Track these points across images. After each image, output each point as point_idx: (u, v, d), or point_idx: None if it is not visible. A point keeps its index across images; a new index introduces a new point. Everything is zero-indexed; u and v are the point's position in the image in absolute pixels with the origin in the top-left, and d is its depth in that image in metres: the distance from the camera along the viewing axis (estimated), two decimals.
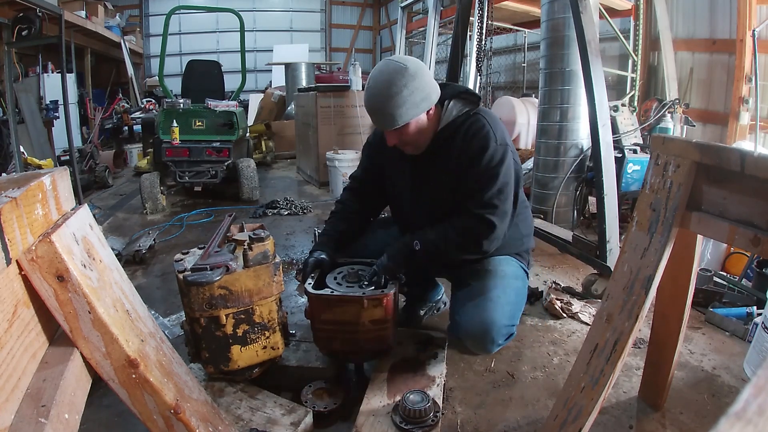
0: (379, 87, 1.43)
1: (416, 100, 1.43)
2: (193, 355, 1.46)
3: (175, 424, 0.86)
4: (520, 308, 1.63)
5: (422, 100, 1.45)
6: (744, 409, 0.31)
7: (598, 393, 1.09)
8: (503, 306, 1.51)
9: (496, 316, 1.48)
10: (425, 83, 1.45)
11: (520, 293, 1.64)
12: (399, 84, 1.40)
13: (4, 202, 0.65)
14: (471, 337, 1.53)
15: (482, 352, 1.63)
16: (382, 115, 1.44)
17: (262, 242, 1.40)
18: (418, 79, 1.43)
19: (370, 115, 1.49)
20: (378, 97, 1.43)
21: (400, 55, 1.49)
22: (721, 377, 1.65)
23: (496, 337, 1.49)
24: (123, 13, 9.94)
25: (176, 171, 3.96)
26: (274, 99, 7.83)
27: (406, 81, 1.41)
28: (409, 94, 1.42)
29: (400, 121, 1.44)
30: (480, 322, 1.48)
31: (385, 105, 1.42)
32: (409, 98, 1.42)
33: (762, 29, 3.15)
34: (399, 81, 1.40)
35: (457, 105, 1.55)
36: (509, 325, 1.53)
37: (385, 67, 1.44)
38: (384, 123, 1.47)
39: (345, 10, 12.31)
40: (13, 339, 0.67)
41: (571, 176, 2.97)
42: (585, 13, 2.11)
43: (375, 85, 1.44)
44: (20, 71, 5.49)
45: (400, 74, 1.41)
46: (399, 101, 1.41)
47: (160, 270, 2.74)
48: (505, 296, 1.54)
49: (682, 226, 1.08)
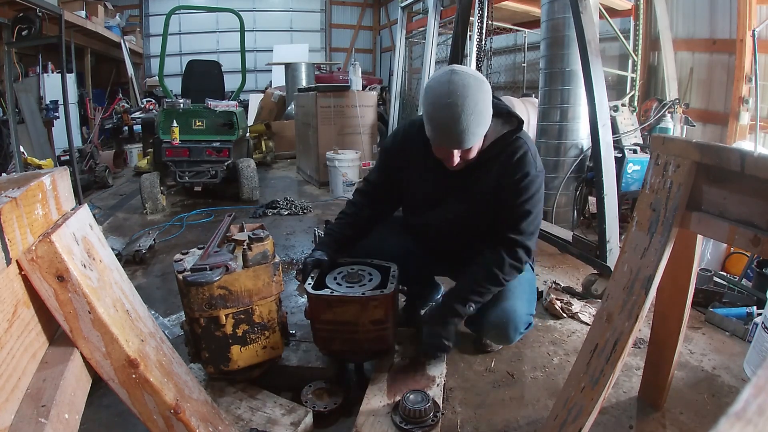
0: (462, 102, 1.30)
1: (488, 115, 1.39)
2: (193, 355, 1.46)
3: (175, 424, 0.86)
4: (534, 298, 1.71)
5: (489, 113, 1.40)
6: (744, 409, 0.31)
7: (598, 393, 1.09)
8: (521, 295, 1.59)
9: (517, 304, 1.55)
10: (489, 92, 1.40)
11: (532, 284, 1.72)
12: (485, 100, 1.34)
13: (4, 202, 0.65)
14: (495, 328, 1.59)
15: (504, 342, 1.71)
16: (462, 134, 1.33)
17: (262, 242, 1.40)
18: (490, 94, 1.38)
19: (442, 131, 1.36)
20: (461, 114, 1.30)
21: (465, 68, 1.37)
22: (721, 377, 1.65)
23: (519, 325, 1.56)
24: (123, 13, 9.93)
25: (176, 171, 3.95)
26: (274, 99, 7.83)
27: (487, 97, 1.35)
28: (487, 111, 1.37)
29: (477, 139, 1.37)
30: (503, 312, 1.54)
31: (469, 123, 1.31)
32: (487, 115, 1.37)
33: (762, 29, 3.15)
34: (484, 97, 1.33)
35: (498, 123, 1.49)
36: (529, 314, 1.61)
37: (465, 80, 1.32)
38: (461, 142, 1.35)
39: (345, 10, 12.31)
40: (13, 339, 0.67)
41: (571, 176, 2.97)
42: (585, 13, 2.11)
43: (457, 100, 1.30)
44: (20, 71, 5.48)
45: (482, 90, 1.33)
46: (481, 119, 1.34)
47: (160, 270, 2.74)
48: (520, 286, 1.60)
49: (682, 226, 1.08)
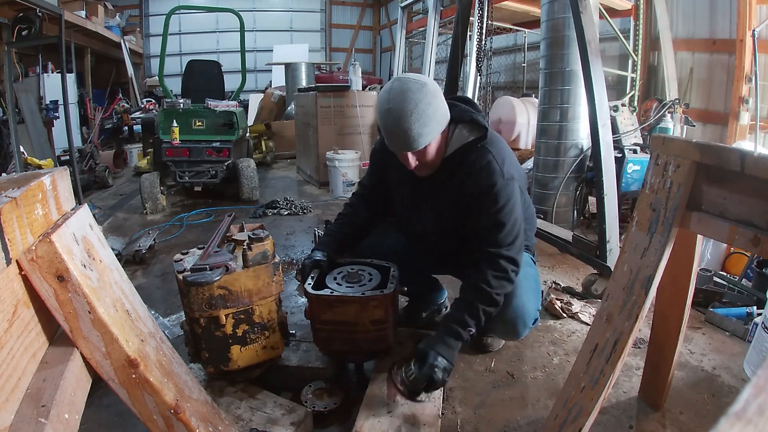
0: (401, 106, 1.33)
1: (438, 118, 1.39)
2: (193, 355, 1.46)
3: (175, 424, 0.86)
4: (539, 293, 1.70)
5: (442, 117, 1.40)
6: (744, 409, 0.31)
7: (598, 393, 1.09)
8: (528, 290, 1.58)
9: (525, 299, 1.55)
10: (442, 101, 1.41)
11: (537, 279, 1.71)
12: (424, 102, 1.34)
13: (4, 202, 0.65)
14: (504, 323, 1.57)
15: (513, 337, 1.70)
16: (405, 137, 1.36)
17: (262, 242, 1.40)
18: (438, 97, 1.39)
19: (390, 137, 1.40)
20: (402, 118, 1.33)
21: (409, 74, 1.42)
22: (721, 377, 1.65)
23: (527, 320, 1.56)
24: (123, 13, 9.94)
25: (176, 171, 3.96)
26: (274, 99, 7.83)
27: (429, 99, 1.35)
28: (433, 112, 1.36)
29: (424, 141, 1.38)
30: (512, 308, 1.53)
31: (411, 125, 1.34)
32: (432, 116, 1.36)
33: (762, 29, 3.15)
34: (423, 99, 1.34)
35: (464, 131, 1.48)
36: (536, 309, 1.61)
37: (404, 86, 1.36)
38: (407, 144, 1.38)
39: (345, 10, 12.31)
40: (13, 339, 0.67)
41: (571, 176, 2.97)
42: (585, 13, 2.11)
43: (396, 105, 1.34)
44: (20, 71, 5.49)
45: (422, 92, 1.35)
46: (425, 120, 1.35)
47: (160, 270, 2.74)
48: (527, 282, 1.59)
49: (682, 226, 1.08)
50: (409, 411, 1.40)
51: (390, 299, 1.49)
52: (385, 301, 1.48)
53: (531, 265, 1.69)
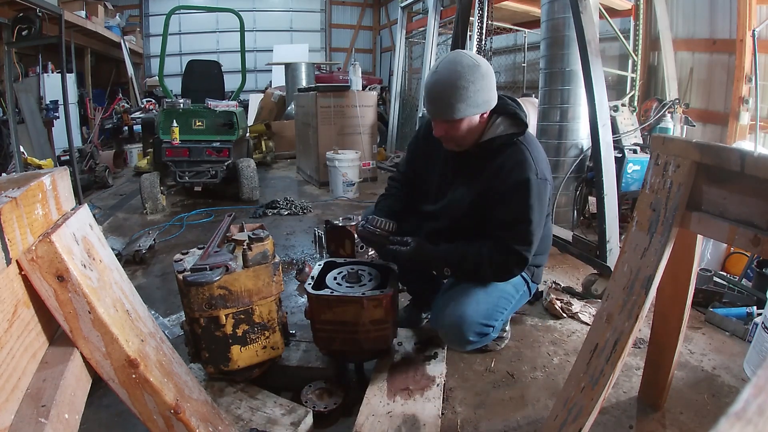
0: (447, 75, 1.39)
1: (478, 100, 1.41)
2: (193, 355, 1.46)
3: (175, 424, 0.86)
4: (501, 311, 1.60)
5: (483, 102, 1.42)
6: (744, 409, 0.31)
7: (598, 393, 1.09)
8: (479, 303, 1.52)
9: (468, 311, 1.50)
10: (490, 87, 1.43)
11: (506, 297, 1.62)
12: (468, 78, 1.37)
13: (4, 202, 0.65)
14: (442, 329, 1.58)
15: (455, 346, 1.67)
16: (442, 103, 1.40)
17: (262, 242, 1.40)
18: (486, 81, 1.41)
19: (429, 100, 1.45)
20: (443, 85, 1.39)
21: (470, 52, 1.45)
22: (721, 377, 1.65)
23: (466, 333, 1.50)
24: (123, 13, 9.93)
25: (176, 171, 3.95)
26: (274, 99, 7.83)
27: (475, 78, 1.38)
28: (475, 92, 1.39)
29: (457, 115, 1.40)
30: (451, 315, 1.51)
31: (450, 95, 1.38)
32: (473, 96, 1.39)
33: (762, 29, 3.15)
34: (469, 75, 1.38)
35: (504, 123, 1.49)
36: (483, 324, 1.53)
37: (459, 58, 1.40)
38: (441, 112, 1.42)
39: (345, 10, 12.30)
40: (13, 339, 0.67)
41: (571, 176, 2.97)
42: (585, 13, 2.11)
43: (444, 72, 1.40)
44: (20, 71, 5.48)
45: (471, 70, 1.38)
46: (464, 95, 1.38)
47: (160, 270, 2.74)
48: (485, 294, 1.55)
49: (682, 226, 1.08)
50: (409, 411, 1.40)
51: (390, 299, 1.49)
52: (385, 301, 1.48)
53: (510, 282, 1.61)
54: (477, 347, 1.65)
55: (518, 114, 1.50)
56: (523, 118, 1.50)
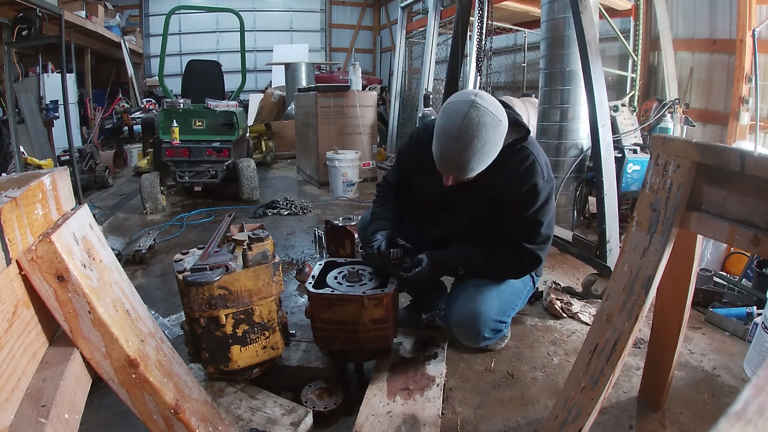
0: (471, 140, 1.32)
1: (495, 152, 1.40)
2: (193, 355, 1.46)
3: (175, 424, 0.86)
4: (513, 307, 1.67)
5: (497, 151, 1.41)
6: (744, 409, 0.31)
7: (598, 393, 1.10)
8: (493, 300, 1.57)
9: (485, 308, 1.54)
10: (504, 133, 1.40)
11: (516, 293, 1.67)
12: (491, 142, 1.34)
13: (4, 202, 0.65)
14: (458, 326, 1.60)
15: (469, 342, 1.69)
16: (460, 166, 1.37)
17: (262, 242, 1.40)
18: (503, 131, 1.38)
19: (443, 157, 1.39)
20: (465, 150, 1.33)
21: (487, 98, 1.36)
22: (721, 377, 1.65)
23: (482, 329, 1.55)
24: (123, 13, 9.92)
25: (176, 171, 3.96)
26: (274, 99, 7.83)
27: (497, 138, 1.36)
28: (494, 150, 1.38)
29: (474, 174, 1.40)
30: (468, 313, 1.54)
31: (469, 159, 1.34)
32: (492, 153, 1.38)
33: (762, 29, 3.15)
34: (491, 138, 1.34)
35: (507, 132, 1.47)
36: (497, 321, 1.59)
37: (482, 119, 1.31)
38: (458, 172, 1.39)
39: (345, 10, 12.30)
40: (13, 339, 0.67)
41: (571, 176, 2.97)
42: (585, 13, 2.11)
43: (466, 136, 1.32)
44: (20, 71, 5.48)
45: (494, 131, 1.34)
46: (485, 158, 1.37)
47: (160, 270, 2.74)
48: (498, 292, 1.59)
49: (682, 226, 1.08)
50: (409, 411, 1.40)
51: (390, 299, 1.49)
52: (386, 300, 1.48)
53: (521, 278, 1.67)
54: (490, 343, 1.73)
55: (519, 120, 1.50)
56: (524, 124, 1.51)
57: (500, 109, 1.38)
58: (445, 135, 1.36)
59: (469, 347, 1.79)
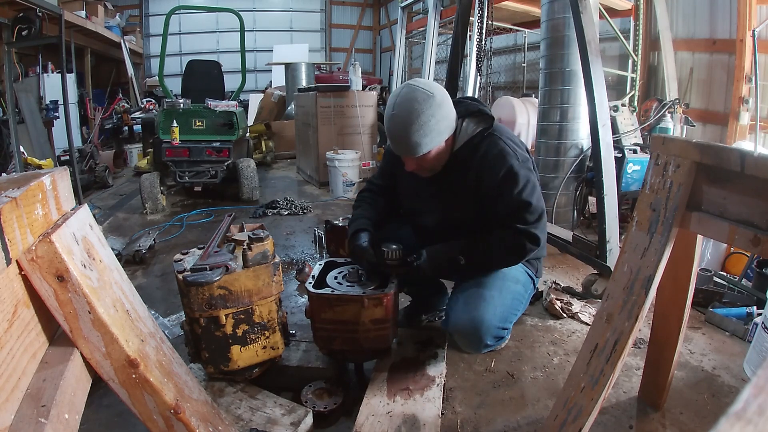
0: (405, 114, 1.40)
1: (440, 128, 1.44)
2: (193, 355, 1.46)
3: (175, 424, 0.86)
4: (515, 312, 1.66)
5: (446, 128, 1.46)
6: (744, 409, 0.31)
7: (598, 393, 1.10)
8: (495, 307, 1.54)
9: (487, 315, 1.51)
10: (449, 111, 1.46)
11: (518, 297, 1.65)
12: (427, 113, 1.39)
13: (4, 202, 0.65)
14: (459, 333, 1.58)
15: (471, 350, 1.68)
16: (406, 143, 1.43)
17: (262, 242, 1.40)
18: (444, 108, 1.43)
19: (392, 141, 1.48)
20: (403, 125, 1.41)
21: (422, 80, 1.47)
22: (721, 377, 1.65)
23: (484, 337, 1.53)
24: (123, 13, 9.92)
25: (176, 171, 3.96)
26: (274, 99, 7.83)
27: (433, 110, 1.40)
28: (436, 123, 1.41)
29: (423, 150, 1.44)
30: (470, 320, 1.52)
31: (411, 133, 1.40)
32: (435, 127, 1.42)
33: (762, 29, 3.15)
34: (427, 110, 1.39)
35: (471, 124, 1.55)
36: (500, 327, 1.57)
37: (411, 94, 1.41)
38: (407, 150, 1.46)
39: (345, 10, 12.30)
40: (13, 339, 0.66)
41: (571, 176, 2.97)
42: (585, 13, 2.11)
43: (401, 112, 1.41)
44: (20, 71, 5.48)
45: (427, 103, 1.39)
46: (426, 130, 1.40)
47: (160, 270, 2.74)
48: (500, 297, 1.56)
49: (682, 226, 1.08)
50: (409, 411, 1.40)
51: (390, 299, 1.49)
52: (386, 300, 1.48)
53: (518, 281, 1.65)
54: (492, 350, 1.73)
55: (482, 110, 1.54)
56: (488, 112, 1.54)
57: (434, 86, 1.45)
58: (387, 118, 1.46)
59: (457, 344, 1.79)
